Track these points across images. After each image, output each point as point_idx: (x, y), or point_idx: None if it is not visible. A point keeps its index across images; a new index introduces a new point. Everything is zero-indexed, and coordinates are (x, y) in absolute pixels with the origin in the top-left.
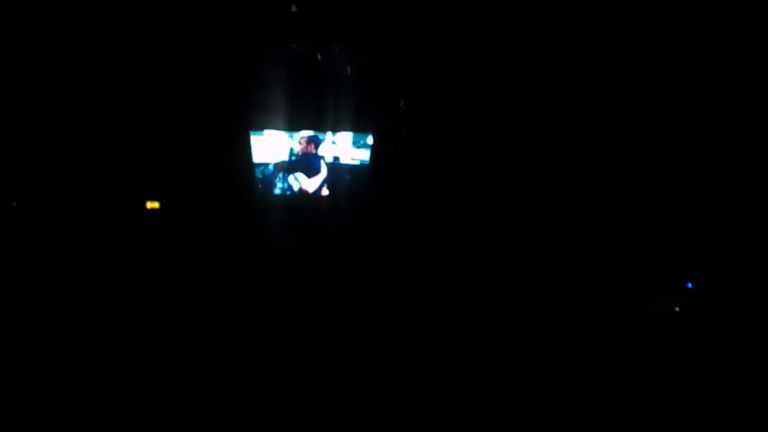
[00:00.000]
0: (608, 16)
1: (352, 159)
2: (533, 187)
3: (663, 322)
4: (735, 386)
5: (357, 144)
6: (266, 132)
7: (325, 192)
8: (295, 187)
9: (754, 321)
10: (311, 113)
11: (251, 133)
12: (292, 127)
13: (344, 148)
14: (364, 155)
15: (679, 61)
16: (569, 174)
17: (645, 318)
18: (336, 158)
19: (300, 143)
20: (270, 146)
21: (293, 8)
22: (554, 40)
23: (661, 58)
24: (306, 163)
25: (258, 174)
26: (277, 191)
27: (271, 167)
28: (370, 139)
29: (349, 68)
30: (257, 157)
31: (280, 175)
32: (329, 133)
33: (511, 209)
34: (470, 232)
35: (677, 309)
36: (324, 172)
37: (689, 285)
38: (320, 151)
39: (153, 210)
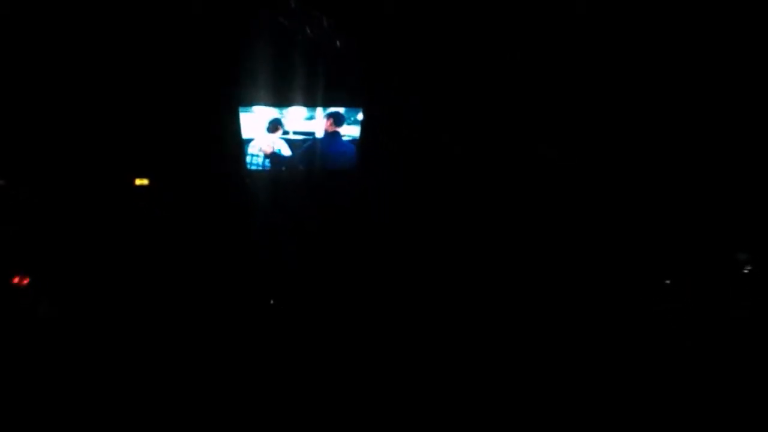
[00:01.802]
0: (608, 16)
1: (343, 136)
2: (530, 185)
3: (662, 322)
4: (735, 386)
5: (348, 121)
6: (255, 108)
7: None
8: (277, 162)
9: (754, 321)
10: (300, 89)
11: (240, 109)
12: (281, 102)
13: (332, 124)
14: (353, 132)
15: (678, 61)
16: (570, 174)
17: (645, 318)
18: (326, 134)
19: (288, 119)
20: (258, 122)
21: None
22: (557, 39)
23: (660, 59)
24: (295, 140)
25: (247, 150)
26: (259, 166)
27: (257, 144)
28: (360, 116)
29: (339, 43)
30: (246, 132)
31: (263, 151)
32: (319, 110)
33: (507, 207)
34: (465, 229)
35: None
36: (313, 149)
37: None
38: (311, 128)
39: (142, 186)
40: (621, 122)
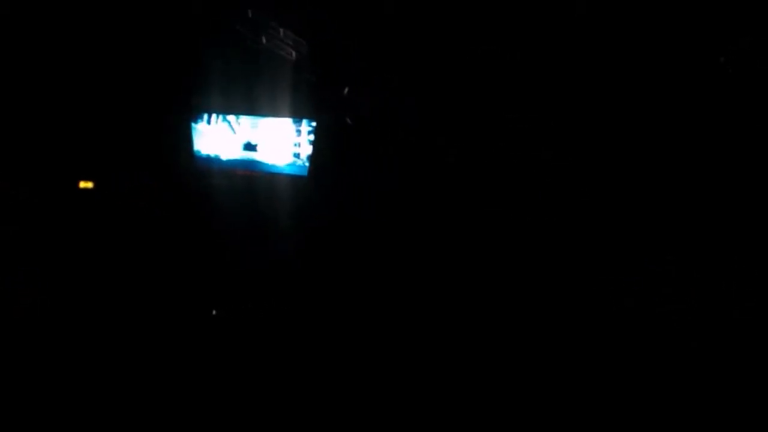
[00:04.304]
0: (608, 17)
1: (291, 147)
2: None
3: (666, 323)
4: (736, 386)
5: (296, 133)
6: (204, 115)
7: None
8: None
9: (754, 321)
10: (251, 97)
11: (190, 116)
12: (229, 110)
13: (280, 137)
14: (304, 146)
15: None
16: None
17: (648, 319)
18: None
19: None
20: (208, 129)
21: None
22: (554, 40)
23: (660, 60)
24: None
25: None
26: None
27: (209, 153)
28: (306, 128)
29: (294, 53)
30: (197, 142)
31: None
32: (268, 120)
33: (501, 208)
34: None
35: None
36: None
37: None
38: (255, 139)
39: (86, 189)
40: (617, 124)
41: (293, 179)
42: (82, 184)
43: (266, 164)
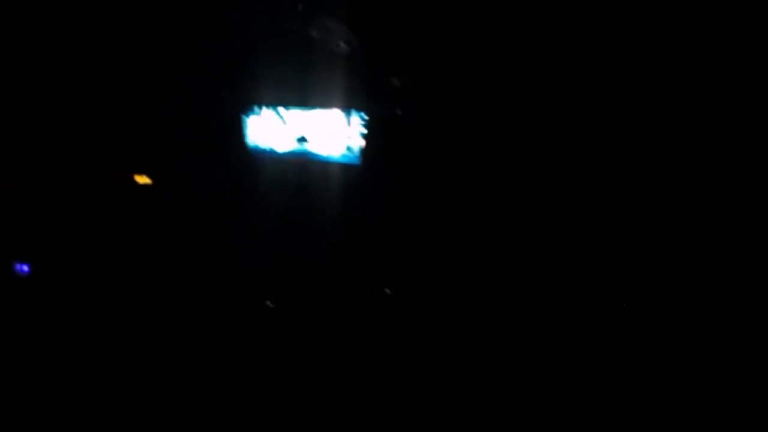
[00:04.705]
0: (608, 17)
1: (342, 140)
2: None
3: (666, 323)
4: (737, 387)
5: (347, 124)
6: (258, 109)
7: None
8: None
9: (754, 321)
10: (301, 90)
11: (244, 109)
12: (281, 103)
13: (331, 128)
14: (354, 137)
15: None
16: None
17: (648, 319)
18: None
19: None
20: (262, 124)
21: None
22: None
23: (659, 60)
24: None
25: (250, 149)
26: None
27: (261, 145)
28: (357, 119)
29: (341, 45)
30: (250, 135)
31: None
32: (319, 111)
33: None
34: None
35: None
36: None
37: None
38: (307, 131)
39: (145, 185)
40: (617, 124)
41: (345, 168)
42: (139, 180)
43: (319, 155)
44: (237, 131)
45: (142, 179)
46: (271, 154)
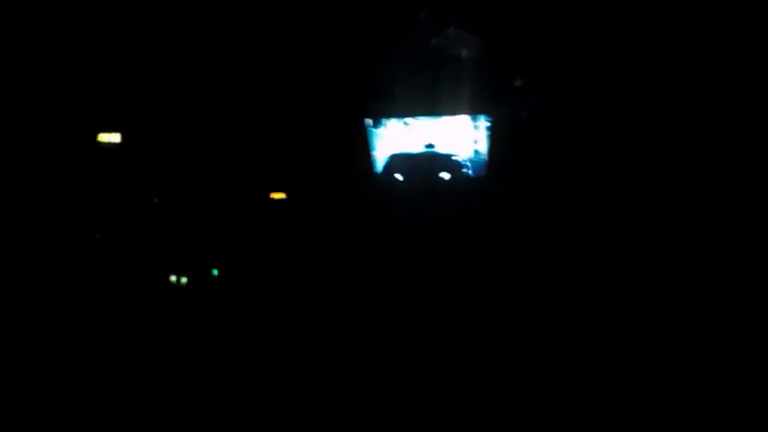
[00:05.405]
0: (609, 17)
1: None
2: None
3: (666, 323)
4: (737, 387)
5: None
6: (383, 120)
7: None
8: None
9: (754, 321)
10: (426, 98)
11: (368, 122)
12: (406, 113)
13: (458, 134)
14: (481, 143)
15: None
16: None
17: (647, 318)
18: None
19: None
20: (386, 136)
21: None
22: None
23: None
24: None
25: (376, 163)
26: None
27: (387, 157)
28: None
29: (465, 51)
30: (376, 146)
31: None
32: (446, 119)
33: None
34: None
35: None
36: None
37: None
38: (434, 138)
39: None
40: (617, 124)
41: (473, 171)
42: (275, 196)
43: (446, 159)
44: (364, 144)
45: (278, 195)
46: (401, 159)
